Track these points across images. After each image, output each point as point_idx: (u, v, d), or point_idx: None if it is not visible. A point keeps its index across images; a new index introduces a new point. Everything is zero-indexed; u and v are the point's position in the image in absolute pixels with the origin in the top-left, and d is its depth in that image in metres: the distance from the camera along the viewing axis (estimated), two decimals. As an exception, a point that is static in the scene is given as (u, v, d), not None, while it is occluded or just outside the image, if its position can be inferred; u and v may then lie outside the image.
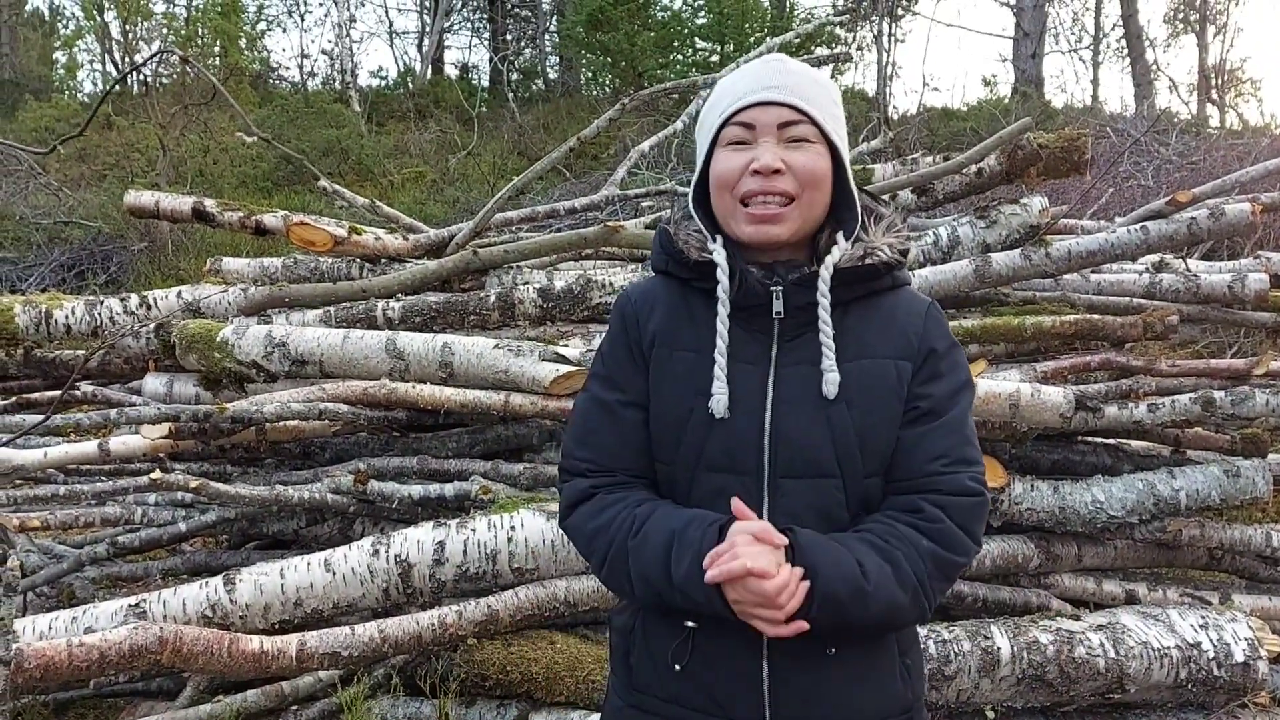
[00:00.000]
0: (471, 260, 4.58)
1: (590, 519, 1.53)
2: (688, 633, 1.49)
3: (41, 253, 11.04)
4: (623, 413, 1.56)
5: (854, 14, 16.36)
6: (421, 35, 22.94)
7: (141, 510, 3.90)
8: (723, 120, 1.51)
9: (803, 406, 1.46)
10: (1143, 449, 4.01)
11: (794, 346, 1.50)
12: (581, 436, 1.59)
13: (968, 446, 1.52)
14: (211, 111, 13.76)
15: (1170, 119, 13.35)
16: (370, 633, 2.86)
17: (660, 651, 1.53)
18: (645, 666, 1.56)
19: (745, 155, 1.48)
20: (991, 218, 4.45)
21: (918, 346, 1.51)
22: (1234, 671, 3.05)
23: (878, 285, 1.54)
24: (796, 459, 1.46)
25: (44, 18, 24.28)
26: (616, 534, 1.49)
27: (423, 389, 3.72)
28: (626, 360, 1.57)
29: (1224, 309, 4.54)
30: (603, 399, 1.58)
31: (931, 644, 2.97)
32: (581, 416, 1.61)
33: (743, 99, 1.50)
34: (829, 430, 1.45)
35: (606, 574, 1.52)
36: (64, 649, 2.38)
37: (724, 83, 1.58)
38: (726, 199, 1.51)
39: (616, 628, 1.66)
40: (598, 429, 1.57)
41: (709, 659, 1.49)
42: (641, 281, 1.65)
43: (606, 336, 1.64)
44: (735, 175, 1.49)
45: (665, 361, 1.53)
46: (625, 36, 15.93)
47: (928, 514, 1.46)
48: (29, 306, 4.56)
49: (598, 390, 1.59)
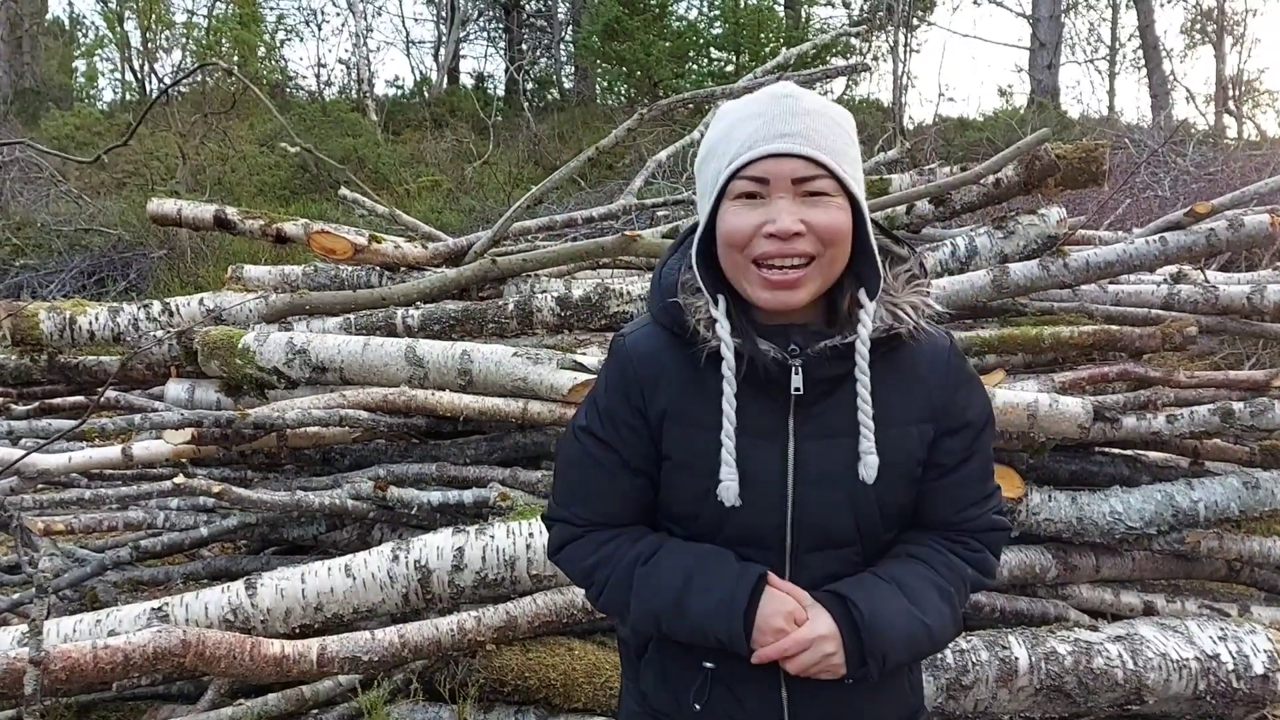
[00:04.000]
0: (490, 269, 4.61)
1: (589, 553, 1.51)
2: (706, 673, 1.49)
3: (63, 260, 11.14)
4: (622, 476, 1.48)
5: (870, 24, 16.37)
6: (438, 45, 23.06)
7: (164, 515, 3.92)
8: (731, 172, 1.34)
9: (826, 487, 1.41)
10: (1161, 460, 3.99)
11: (812, 417, 1.41)
12: (576, 492, 1.52)
13: (991, 481, 1.54)
14: (231, 120, 13.86)
15: (1187, 130, 13.30)
16: (390, 638, 2.88)
17: (679, 687, 1.52)
18: (662, 695, 1.56)
19: (758, 214, 1.33)
20: (1009, 228, 4.46)
21: (940, 404, 1.46)
22: (1253, 684, 3.04)
23: (897, 343, 1.43)
24: (815, 536, 1.44)
25: (64, 27, 24.52)
26: (620, 562, 1.47)
27: (442, 396, 3.74)
28: (628, 426, 1.46)
29: (1243, 320, 4.52)
30: (600, 459, 1.48)
31: (949, 654, 2.97)
32: (575, 470, 1.52)
33: (754, 148, 1.33)
34: (853, 508, 1.42)
35: (605, 601, 1.51)
36: (89, 651, 2.40)
37: (730, 115, 1.40)
38: (737, 259, 1.36)
39: (624, 640, 1.65)
40: (594, 488, 1.50)
41: (730, 695, 1.49)
42: (642, 333, 1.49)
43: (603, 389, 1.50)
44: (747, 236, 1.34)
45: (678, 439, 1.44)
46: (641, 46, 16.00)
47: (971, 546, 1.50)
48: (53, 313, 4.61)
49: (593, 449, 1.48)
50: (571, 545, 1.53)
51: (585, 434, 1.50)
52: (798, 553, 1.44)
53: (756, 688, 1.48)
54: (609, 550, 1.49)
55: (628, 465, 1.48)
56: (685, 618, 1.41)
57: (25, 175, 12.95)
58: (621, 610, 1.48)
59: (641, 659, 1.58)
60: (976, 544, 1.50)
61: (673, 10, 18.13)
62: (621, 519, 1.51)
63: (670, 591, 1.41)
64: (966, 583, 1.49)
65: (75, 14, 27.29)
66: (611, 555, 1.48)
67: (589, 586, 1.52)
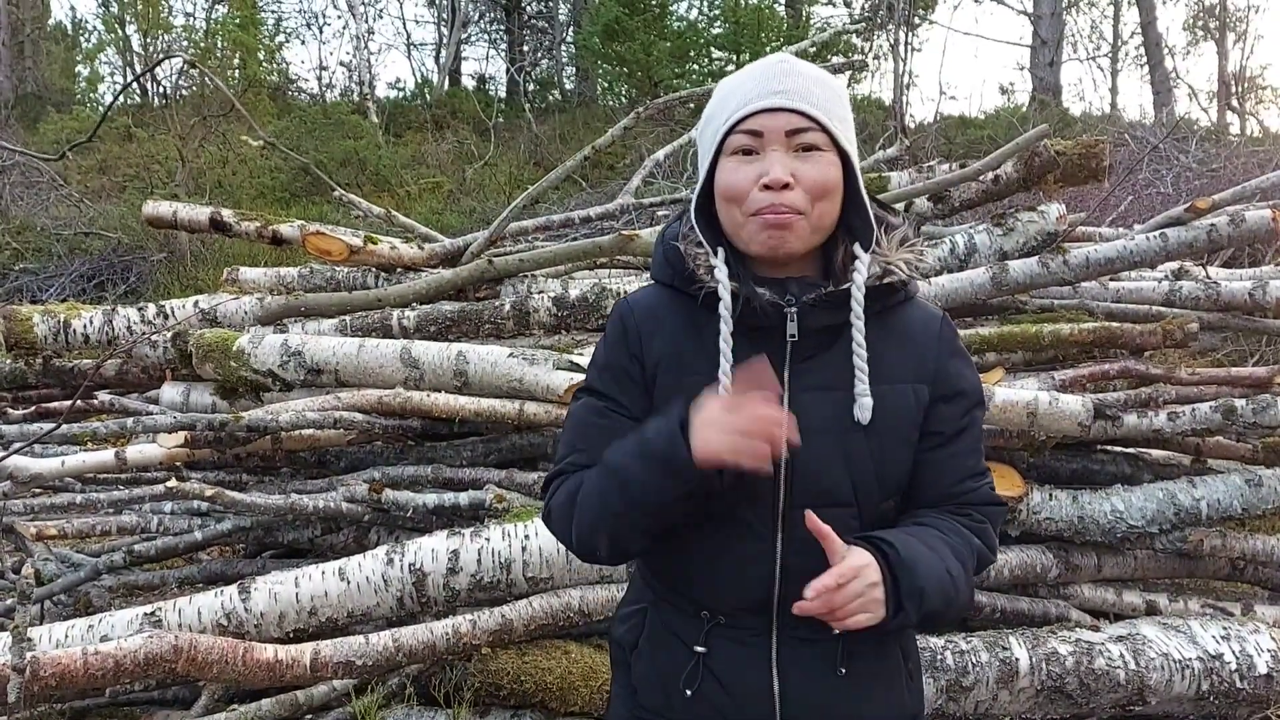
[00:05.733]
0: (486, 269, 4.59)
1: (570, 485, 1.49)
2: (696, 657, 1.48)
3: (62, 263, 11.14)
4: (618, 421, 1.49)
5: (870, 23, 16.34)
6: (439, 47, 23.05)
7: (158, 519, 3.91)
8: (728, 127, 1.41)
9: (821, 436, 1.41)
10: (1163, 458, 3.97)
11: (808, 369, 1.43)
12: (574, 444, 1.53)
13: (982, 458, 1.56)
14: (230, 123, 13.87)
15: (1189, 126, 13.27)
16: (384, 642, 2.86)
17: (668, 674, 1.51)
18: (652, 688, 1.54)
19: (754, 167, 1.39)
20: (1009, 225, 4.42)
21: (933, 368, 1.48)
22: (1257, 684, 3.01)
23: (891, 301, 1.47)
24: (812, 490, 1.42)
25: (66, 31, 24.54)
26: (592, 474, 1.45)
27: (438, 398, 3.72)
28: (626, 375, 1.51)
29: (1245, 317, 4.48)
30: (600, 409, 1.52)
31: (949, 655, 2.94)
32: (578, 425, 1.54)
33: (748, 104, 1.40)
34: (847, 461, 1.42)
35: (581, 512, 1.44)
36: (80, 657, 2.38)
37: (728, 84, 1.48)
38: (735, 213, 1.42)
39: (617, 639, 1.64)
40: (595, 439, 1.49)
41: (720, 680, 1.48)
42: (643, 291, 1.57)
43: (603, 345, 1.56)
44: (744, 188, 1.40)
45: (673, 386, 1.45)
46: (641, 47, 15.97)
47: (975, 518, 1.50)
48: (47, 316, 4.59)
49: (593, 402, 1.53)
50: (557, 486, 1.52)
51: (585, 392, 1.56)
52: (790, 508, 1.41)
53: (747, 675, 1.46)
54: (587, 474, 1.47)
55: (624, 411, 1.50)
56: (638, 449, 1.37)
57: (25, 179, 12.95)
58: (599, 510, 1.42)
59: (633, 653, 1.58)
60: (980, 515, 1.51)
61: (673, 10, 18.10)
62: None
63: (625, 446, 1.40)
64: (974, 553, 1.47)
65: (77, 18, 27.32)
66: (584, 479, 1.47)
67: (574, 515, 1.45)
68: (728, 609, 1.48)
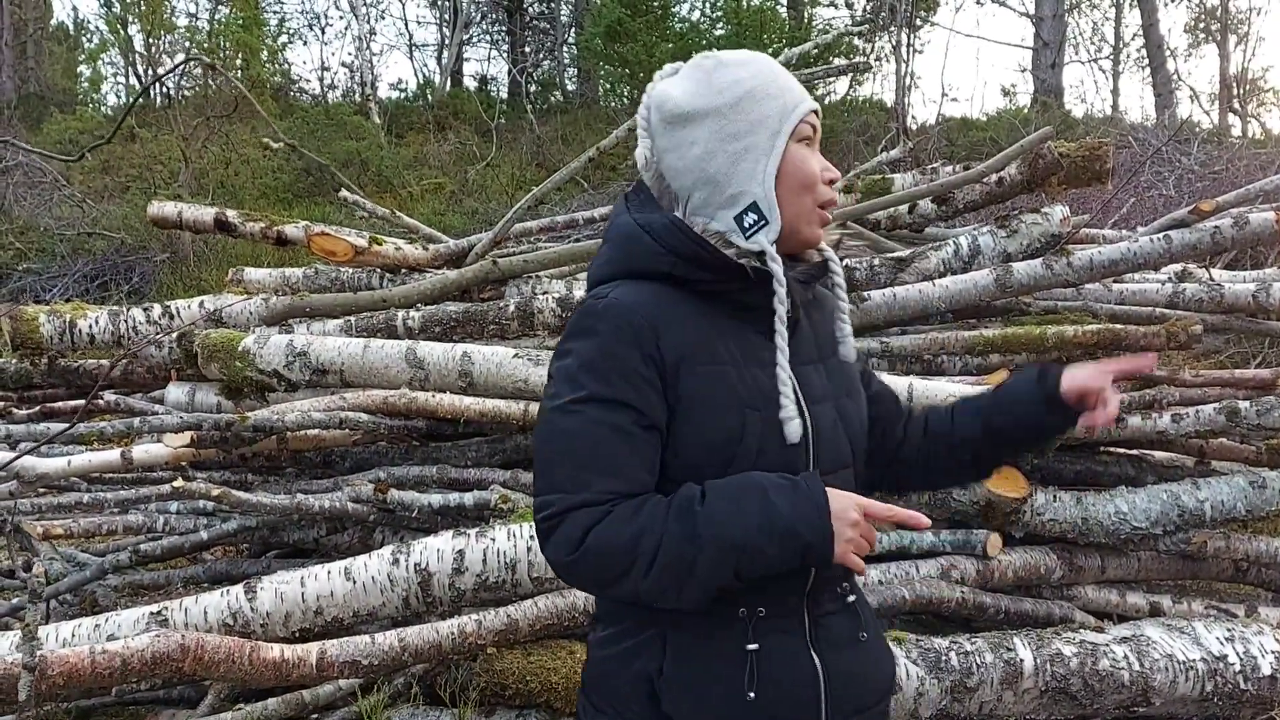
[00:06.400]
0: (491, 270, 4.60)
1: (626, 524, 1.33)
2: (749, 657, 1.42)
3: (65, 263, 11.16)
4: (643, 435, 1.38)
5: (873, 24, 16.35)
6: (440, 48, 23.05)
7: (164, 518, 3.92)
8: (800, 116, 1.46)
9: (823, 405, 1.50)
10: (1166, 460, 3.97)
11: (795, 346, 1.48)
12: (595, 465, 1.36)
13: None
14: (233, 124, 13.88)
15: (1192, 129, 13.27)
16: (390, 641, 2.86)
17: (720, 686, 1.42)
18: (702, 709, 1.42)
19: (817, 160, 1.48)
20: (1012, 227, 4.43)
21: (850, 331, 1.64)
22: (1261, 685, 3.01)
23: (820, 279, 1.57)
24: (829, 455, 1.49)
25: (69, 32, 24.57)
26: (668, 519, 1.33)
27: (442, 398, 3.73)
28: (641, 377, 1.38)
29: (1248, 319, 4.49)
30: (615, 421, 1.36)
31: (954, 656, 2.95)
32: (586, 443, 1.37)
33: (806, 98, 1.47)
34: (846, 424, 1.53)
35: (658, 569, 1.32)
36: (87, 656, 2.39)
37: (753, 66, 1.48)
38: (807, 200, 1.46)
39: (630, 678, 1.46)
40: (617, 454, 1.37)
41: (775, 673, 1.44)
42: (628, 288, 1.44)
43: (599, 352, 1.39)
44: (817, 178, 1.46)
45: (699, 380, 1.40)
46: (643, 48, 15.96)
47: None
48: (53, 316, 4.60)
49: (603, 414, 1.37)
50: (600, 526, 1.33)
51: (589, 403, 1.37)
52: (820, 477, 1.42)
53: (798, 660, 1.45)
54: (647, 515, 1.33)
55: (649, 423, 1.38)
56: (773, 530, 1.31)
57: (29, 179, 12.97)
58: (680, 569, 1.32)
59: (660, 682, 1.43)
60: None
61: (675, 12, 18.11)
62: (648, 485, 1.39)
63: (751, 511, 1.32)
64: None
65: (80, 19, 27.35)
66: (652, 517, 1.33)
67: (631, 564, 1.32)
68: (770, 597, 1.43)
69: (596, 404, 1.37)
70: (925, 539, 3.52)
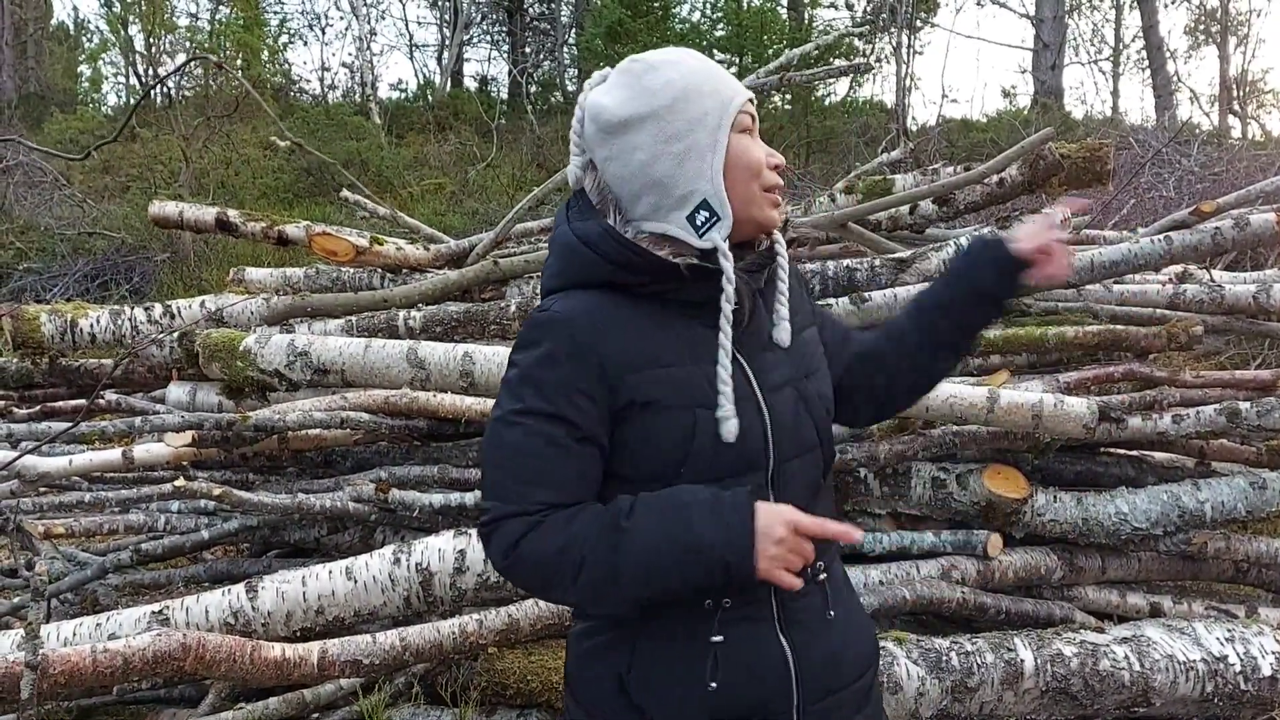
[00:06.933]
0: (492, 270, 4.60)
1: (555, 535, 1.38)
2: (712, 649, 1.44)
3: (66, 263, 11.17)
4: (579, 449, 1.41)
5: (873, 26, 16.35)
6: (441, 48, 23.07)
7: (165, 518, 3.92)
8: (739, 107, 1.47)
9: (782, 391, 1.51)
10: (1167, 460, 3.97)
11: (748, 334, 1.49)
12: (530, 476, 1.40)
13: None
14: (234, 123, 13.89)
15: (1192, 130, 13.27)
16: (391, 641, 2.86)
17: (682, 681, 1.45)
18: (665, 703, 1.46)
19: (759, 146, 1.50)
20: (1013, 228, 4.42)
21: (810, 308, 1.68)
22: (1261, 686, 3.01)
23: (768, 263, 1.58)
24: (790, 442, 1.49)
25: (69, 31, 24.59)
26: (594, 531, 1.37)
27: (444, 398, 3.73)
28: (581, 393, 1.40)
29: (1249, 320, 4.49)
30: (553, 436, 1.39)
31: (954, 656, 2.95)
32: (524, 457, 1.40)
33: (740, 90, 1.49)
34: (808, 406, 1.53)
35: (583, 581, 1.37)
36: (89, 655, 2.39)
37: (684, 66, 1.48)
38: (754, 187, 1.47)
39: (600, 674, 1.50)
40: (552, 466, 1.40)
41: (741, 662, 1.46)
42: (574, 301, 1.45)
43: (541, 364, 1.42)
44: (763, 164, 1.48)
45: (646, 383, 1.42)
46: (644, 49, 15.94)
47: None
48: (54, 315, 4.60)
49: (544, 427, 1.40)
50: (531, 536, 1.38)
51: (527, 415, 1.40)
52: (780, 465, 1.48)
53: (765, 647, 1.47)
54: (578, 527, 1.38)
55: (583, 436, 1.41)
56: (691, 550, 1.34)
57: (29, 179, 12.98)
58: (603, 584, 1.37)
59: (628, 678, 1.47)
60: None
61: (676, 13, 18.13)
62: (582, 496, 1.42)
63: (675, 531, 1.35)
64: None
65: (80, 19, 27.36)
66: (581, 530, 1.37)
67: (557, 574, 1.38)
68: (736, 588, 1.44)
69: (533, 416, 1.40)
70: (926, 539, 3.53)
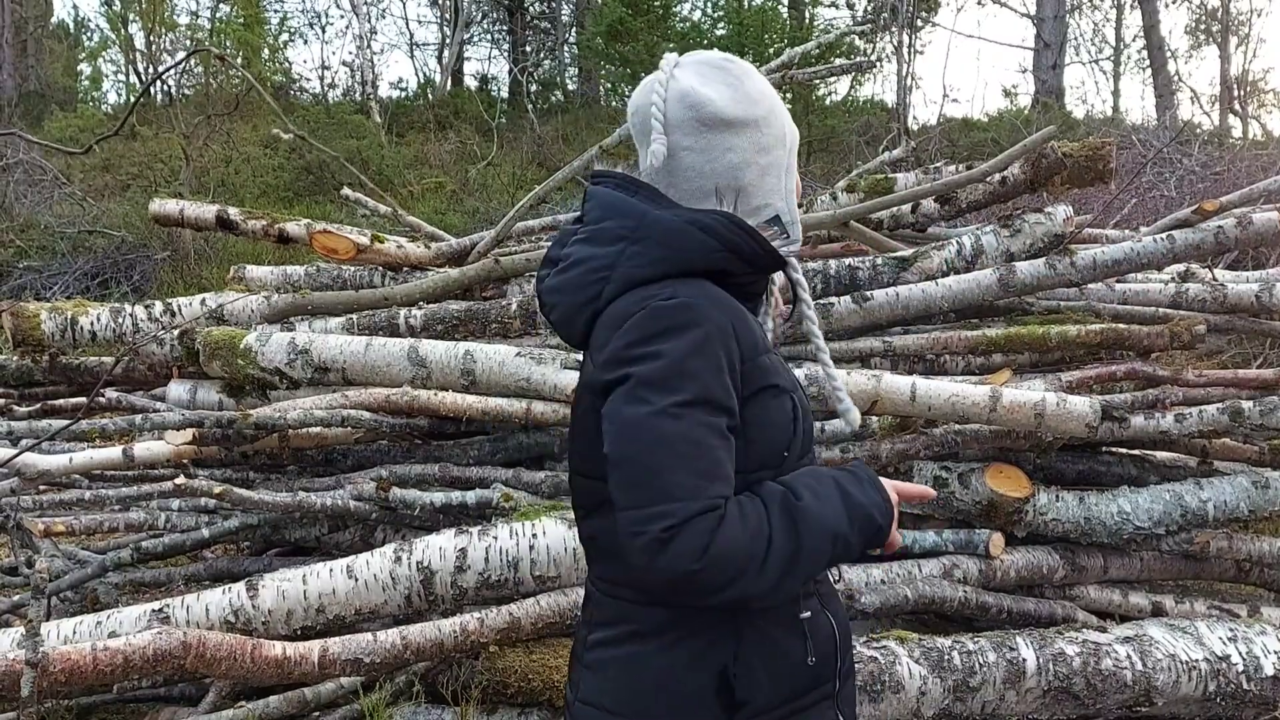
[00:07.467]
0: (493, 269, 4.59)
1: (738, 528, 1.31)
2: (801, 624, 1.49)
3: (66, 261, 11.16)
4: (732, 437, 1.38)
5: (874, 25, 16.34)
6: (441, 47, 23.04)
7: (165, 516, 3.91)
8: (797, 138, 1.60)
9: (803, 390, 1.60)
10: (1169, 460, 3.97)
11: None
12: (707, 469, 1.32)
13: None
14: (235, 121, 13.88)
15: (1193, 130, 13.27)
16: (392, 639, 2.86)
17: (792, 655, 1.48)
18: (764, 688, 1.44)
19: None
20: (1015, 227, 4.43)
21: None
22: (1263, 685, 3.01)
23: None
24: (810, 436, 1.58)
25: (69, 30, 24.56)
26: (771, 520, 1.34)
27: (445, 396, 3.72)
28: (729, 378, 1.38)
29: (1251, 319, 4.49)
30: (715, 424, 1.34)
31: (956, 655, 2.94)
32: (697, 448, 1.32)
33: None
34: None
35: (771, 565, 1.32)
36: (89, 653, 2.38)
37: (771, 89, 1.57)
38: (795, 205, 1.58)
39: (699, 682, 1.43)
40: (722, 457, 1.35)
41: (821, 632, 1.53)
42: (697, 288, 1.41)
43: (692, 353, 1.35)
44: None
45: (761, 370, 1.43)
46: (645, 47, 15.97)
47: None
48: (54, 313, 4.60)
49: (711, 419, 1.34)
50: (722, 531, 1.29)
51: (691, 406, 1.32)
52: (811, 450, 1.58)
53: (825, 618, 1.54)
54: (754, 515, 1.34)
55: (734, 423, 1.38)
56: (854, 518, 1.42)
57: (29, 177, 12.97)
58: (789, 564, 1.33)
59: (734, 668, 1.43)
60: None
61: (677, 11, 18.12)
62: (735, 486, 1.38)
63: (835, 503, 1.41)
64: None
65: (80, 17, 27.35)
66: (759, 518, 1.34)
67: (750, 565, 1.31)
68: None
69: (699, 407, 1.33)
70: (928, 538, 3.52)
